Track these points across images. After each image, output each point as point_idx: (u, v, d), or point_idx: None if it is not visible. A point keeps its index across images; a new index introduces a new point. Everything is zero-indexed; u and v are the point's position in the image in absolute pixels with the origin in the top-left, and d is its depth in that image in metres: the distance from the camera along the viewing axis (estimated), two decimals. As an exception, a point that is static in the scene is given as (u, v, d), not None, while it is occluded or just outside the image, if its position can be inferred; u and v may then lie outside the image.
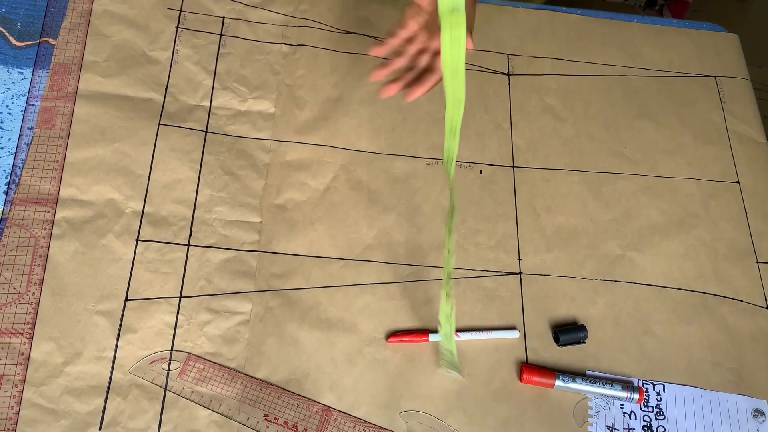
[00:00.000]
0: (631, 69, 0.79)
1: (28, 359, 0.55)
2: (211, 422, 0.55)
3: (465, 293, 0.64)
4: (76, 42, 0.69)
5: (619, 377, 0.62)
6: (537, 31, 0.80)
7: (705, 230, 0.70)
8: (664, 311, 0.65)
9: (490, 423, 0.58)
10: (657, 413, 0.61)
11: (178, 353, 0.57)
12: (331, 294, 0.62)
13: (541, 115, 0.75)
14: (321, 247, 0.64)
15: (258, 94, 0.70)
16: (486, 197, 0.69)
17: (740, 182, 0.74)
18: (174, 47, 0.71)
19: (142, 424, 0.54)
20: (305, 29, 0.75)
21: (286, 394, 0.57)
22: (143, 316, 0.58)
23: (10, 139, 0.64)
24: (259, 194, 0.65)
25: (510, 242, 0.67)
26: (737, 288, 0.68)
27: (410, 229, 0.66)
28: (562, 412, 0.59)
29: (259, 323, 0.60)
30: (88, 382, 0.55)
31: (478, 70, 0.76)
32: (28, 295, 0.58)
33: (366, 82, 0.73)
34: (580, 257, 0.67)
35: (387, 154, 0.70)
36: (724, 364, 0.64)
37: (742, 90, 0.80)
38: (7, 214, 0.61)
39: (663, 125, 0.76)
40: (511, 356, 0.61)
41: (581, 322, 0.64)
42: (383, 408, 0.58)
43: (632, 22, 0.83)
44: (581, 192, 0.71)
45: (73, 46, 0.69)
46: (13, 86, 0.66)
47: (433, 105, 0.73)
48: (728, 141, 0.76)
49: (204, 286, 0.60)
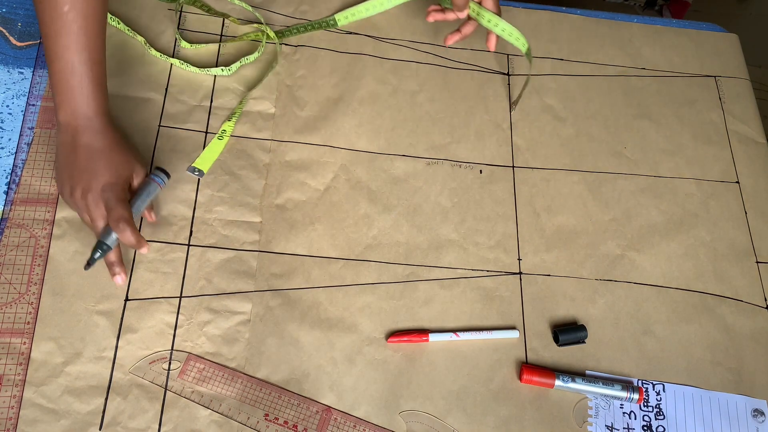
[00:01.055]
0: (631, 69, 0.80)
1: (28, 359, 0.55)
2: (211, 422, 0.55)
3: (465, 293, 0.64)
4: (76, 42, 0.69)
5: (619, 377, 0.62)
6: (537, 31, 0.80)
7: (705, 230, 0.70)
8: (664, 311, 0.65)
9: (490, 423, 0.58)
10: (657, 413, 0.61)
11: (178, 353, 0.57)
12: (331, 294, 0.62)
13: (541, 115, 0.75)
14: (321, 247, 0.64)
15: (258, 94, 0.70)
16: (486, 197, 0.69)
17: (740, 182, 0.74)
18: (174, 47, 0.71)
19: (142, 424, 0.54)
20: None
21: (286, 393, 0.57)
22: (143, 315, 0.58)
23: (10, 139, 0.64)
24: (259, 194, 0.65)
25: (510, 242, 0.67)
26: (737, 288, 0.68)
27: (410, 229, 0.66)
28: (562, 412, 0.60)
29: (259, 323, 0.60)
30: (88, 381, 0.55)
31: (478, 70, 0.76)
32: (28, 295, 0.58)
33: (366, 82, 0.73)
34: (580, 257, 0.67)
35: (387, 154, 0.70)
36: (723, 364, 0.64)
37: (742, 90, 0.80)
38: (7, 214, 0.61)
39: (663, 125, 0.76)
40: (511, 356, 0.61)
41: (581, 322, 0.64)
42: (383, 408, 0.58)
43: (632, 22, 0.83)
44: (581, 192, 0.71)
45: (74, 46, 0.69)
46: (13, 86, 0.66)
47: (433, 105, 0.73)
48: (728, 141, 0.76)
49: (204, 286, 0.60)
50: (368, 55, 0.75)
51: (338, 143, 0.69)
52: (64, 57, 0.55)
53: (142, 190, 0.58)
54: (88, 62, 0.56)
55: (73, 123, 0.56)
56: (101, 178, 0.55)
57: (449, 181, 0.69)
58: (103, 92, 0.58)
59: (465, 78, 0.76)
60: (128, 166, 0.57)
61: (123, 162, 0.57)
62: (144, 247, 0.56)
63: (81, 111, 0.56)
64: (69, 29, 0.54)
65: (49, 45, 0.55)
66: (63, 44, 0.55)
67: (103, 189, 0.55)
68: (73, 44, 0.55)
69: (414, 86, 0.74)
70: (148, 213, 0.60)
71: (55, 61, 0.55)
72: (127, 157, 0.58)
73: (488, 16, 0.68)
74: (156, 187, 0.59)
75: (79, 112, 0.56)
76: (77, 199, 0.56)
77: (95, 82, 0.56)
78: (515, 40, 0.70)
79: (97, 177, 0.55)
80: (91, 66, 0.56)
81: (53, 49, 0.55)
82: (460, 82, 0.75)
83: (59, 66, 0.55)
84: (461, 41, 0.73)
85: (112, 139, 0.57)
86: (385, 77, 0.74)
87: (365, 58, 0.75)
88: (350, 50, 0.75)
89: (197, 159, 0.65)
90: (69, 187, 0.56)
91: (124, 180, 0.57)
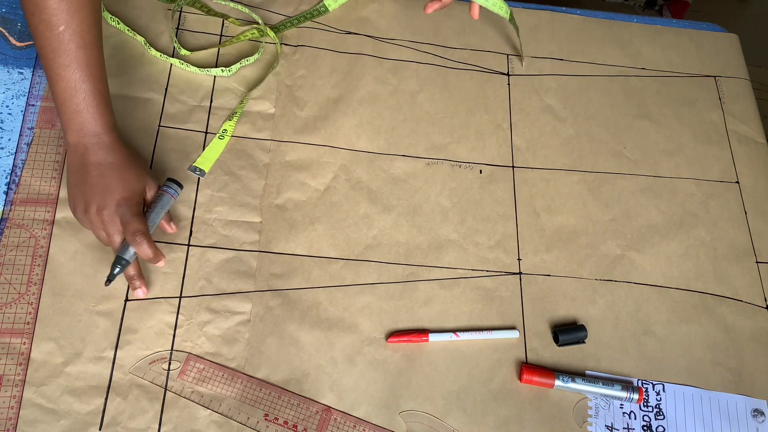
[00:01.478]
0: (631, 69, 0.80)
1: (28, 359, 0.55)
2: (211, 422, 0.55)
3: (465, 293, 0.64)
4: (76, 42, 0.69)
5: (619, 377, 0.62)
6: (537, 31, 0.80)
7: (705, 230, 0.70)
8: (664, 311, 0.65)
9: (490, 423, 0.58)
10: (657, 413, 0.61)
11: (178, 353, 0.57)
12: (331, 294, 0.62)
13: (540, 115, 0.75)
14: (321, 247, 0.64)
15: (258, 95, 0.70)
16: (486, 197, 0.69)
17: (740, 182, 0.74)
18: (174, 48, 0.71)
19: (142, 424, 0.54)
20: (305, 29, 0.75)
21: (286, 394, 0.57)
22: (143, 316, 0.58)
23: (10, 139, 0.64)
24: (259, 194, 0.65)
25: (510, 242, 0.67)
26: (737, 288, 0.68)
27: (410, 229, 0.66)
28: (562, 412, 0.60)
29: (259, 323, 0.60)
30: (88, 382, 0.55)
31: (478, 70, 0.76)
32: (28, 295, 0.58)
33: (366, 81, 0.73)
34: (580, 257, 0.67)
35: (387, 154, 0.70)
36: (723, 364, 0.64)
37: (742, 90, 0.80)
38: (7, 214, 0.61)
39: (663, 125, 0.76)
40: (511, 356, 0.61)
41: (581, 322, 0.64)
42: (383, 408, 0.58)
43: (632, 22, 0.83)
44: (581, 192, 0.71)
45: (73, 47, 0.69)
46: (13, 86, 0.66)
47: (433, 105, 0.73)
48: (728, 141, 0.76)
49: (204, 286, 0.60)
50: (368, 55, 0.75)
51: (338, 143, 0.69)
52: (65, 76, 0.55)
53: (155, 203, 0.58)
54: (89, 79, 0.55)
55: (82, 142, 0.56)
56: (115, 194, 0.55)
57: (449, 181, 0.69)
58: (109, 108, 0.58)
59: (465, 78, 0.76)
60: (141, 180, 0.57)
61: (135, 176, 0.57)
62: (161, 260, 0.56)
63: (89, 128, 0.56)
64: (67, 48, 0.54)
65: (48, 65, 0.55)
66: (62, 63, 0.54)
67: (117, 204, 0.55)
68: (72, 62, 0.55)
69: (414, 86, 0.74)
70: (168, 224, 0.60)
71: (56, 82, 0.55)
72: (139, 171, 0.58)
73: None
74: (169, 199, 0.59)
75: (86, 129, 0.56)
76: (92, 216, 0.55)
77: (100, 98, 0.56)
78: (498, 9, 0.72)
79: (111, 193, 0.55)
80: (94, 83, 0.56)
81: (53, 69, 0.55)
82: (460, 82, 0.75)
83: (61, 86, 0.55)
84: (441, 9, 0.75)
85: (122, 154, 0.57)
86: (385, 77, 0.74)
87: (365, 58, 0.75)
88: (350, 50, 0.75)
89: (198, 158, 0.65)
90: (83, 205, 0.56)
91: (138, 194, 0.57)
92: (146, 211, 0.58)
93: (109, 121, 0.57)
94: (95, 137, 0.56)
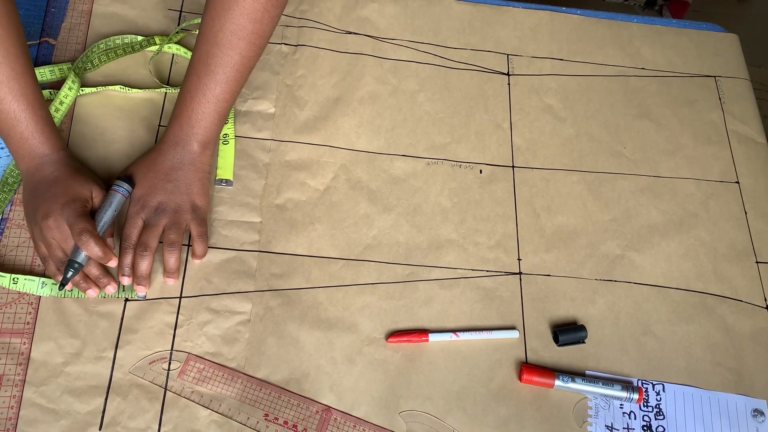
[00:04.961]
0: (631, 69, 0.80)
1: (28, 359, 0.55)
2: (211, 422, 0.55)
3: (465, 293, 0.64)
4: (76, 42, 0.70)
5: (619, 377, 0.62)
6: (537, 31, 0.80)
7: (705, 230, 0.70)
8: (664, 311, 0.65)
9: (490, 423, 0.58)
10: (656, 413, 0.61)
11: (178, 353, 0.57)
12: (331, 294, 0.62)
13: (540, 115, 0.75)
14: (321, 247, 0.64)
15: (258, 94, 0.70)
16: (486, 197, 0.69)
17: (740, 182, 0.74)
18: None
19: (142, 424, 0.54)
20: (305, 29, 0.75)
21: (286, 393, 0.57)
22: (143, 316, 0.58)
23: (10, 139, 0.64)
24: (259, 194, 0.65)
25: (510, 242, 0.67)
26: (737, 288, 0.68)
27: (410, 229, 0.66)
28: (562, 412, 0.60)
29: (259, 323, 0.60)
30: (88, 382, 0.55)
31: (478, 70, 0.76)
32: (28, 295, 0.58)
33: (366, 81, 0.73)
34: (580, 257, 0.67)
35: (387, 154, 0.70)
36: (723, 364, 0.64)
37: (742, 90, 0.80)
38: (7, 214, 0.61)
39: (663, 125, 0.76)
40: (511, 356, 0.61)
41: (581, 322, 0.64)
42: (383, 408, 0.58)
43: (632, 22, 0.83)
44: (581, 192, 0.71)
45: (73, 46, 0.69)
46: (13, 86, 0.66)
47: (433, 105, 0.73)
48: (728, 141, 0.76)
49: (204, 286, 0.60)
50: (368, 55, 0.75)
51: (338, 143, 0.69)
52: (4, 109, 0.55)
53: (104, 202, 0.58)
54: (28, 107, 0.56)
55: (33, 164, 0.58)
56: (60, 199, 0.56)
57: (449, 181, 0.69)
58: (54, 130, 0.59)
59: (465, 78, 0.76)
60: (86, 187, 0.58)
61: (80, 183, 0.58)
62: (112, 259, 0.56)
63: (37, 152, 0.58)
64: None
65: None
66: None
67: (62, 208, 0.55)
68: (8, 95, 0.55)
69: (414, 86, 0.74)
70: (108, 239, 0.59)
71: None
72: (85, 180, 0.59)
73: None
74: (120, 197, 0.58)
75: (35, 153, 0.58)
76: (41, 224, 0.56)
77: (42, 123, 0.57)
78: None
79: (56, 199, 0.56)
80: (33, 110, 0.56)
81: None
82: (460, 82, 0.75)
83: (2, 118, 0.55)
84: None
85: (71, 167, 0.59)
86: (385, 77, 0.74)
87: (365, 57, 0.75)
88: (350, 50, 0.75)
89: (217, 171, 0.65)
90: (32, 215, 0.57)
91: (82, 198, 0.57)
92: (95, 213, 0.58)
93: (57, 143, 0.59)
94: (45, 157, 0.58)
